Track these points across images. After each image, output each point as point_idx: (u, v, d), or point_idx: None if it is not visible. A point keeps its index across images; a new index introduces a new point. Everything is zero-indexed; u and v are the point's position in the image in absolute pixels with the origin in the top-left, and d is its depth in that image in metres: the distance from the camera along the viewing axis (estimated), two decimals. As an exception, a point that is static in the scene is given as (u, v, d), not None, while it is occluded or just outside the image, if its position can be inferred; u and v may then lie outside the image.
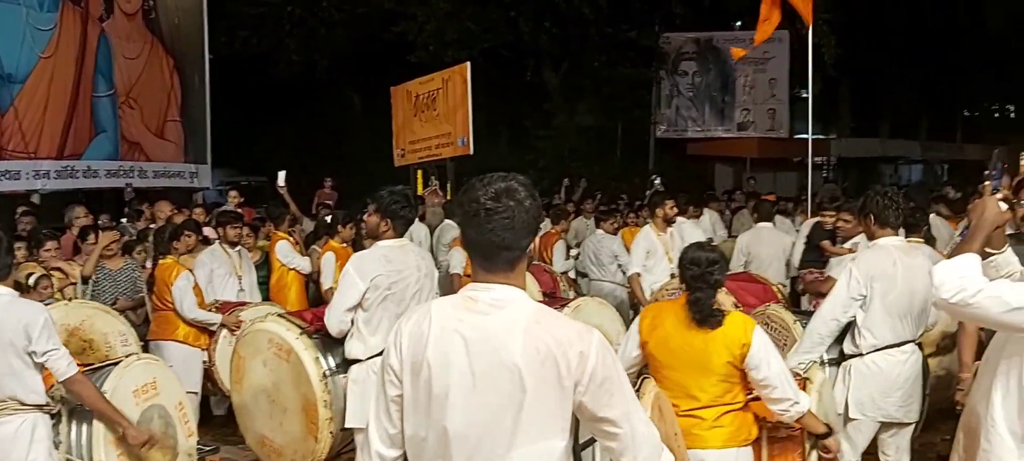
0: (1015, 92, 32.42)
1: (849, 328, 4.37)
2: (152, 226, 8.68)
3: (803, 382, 3.79)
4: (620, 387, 2.05)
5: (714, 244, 10.00)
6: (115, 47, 11.96)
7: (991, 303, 2.40)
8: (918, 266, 4.24)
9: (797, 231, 8.60)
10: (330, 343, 4.46)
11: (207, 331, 6.09)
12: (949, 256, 2.62)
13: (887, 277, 4.21)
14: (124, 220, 9.23)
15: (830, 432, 3.54)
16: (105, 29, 11.78)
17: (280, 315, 4.74)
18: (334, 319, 4.26)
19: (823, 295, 5.42)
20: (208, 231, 8.23)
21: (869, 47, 22.18)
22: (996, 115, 35.16)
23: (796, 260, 7.82)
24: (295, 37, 18.37)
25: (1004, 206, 2.61)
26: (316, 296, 7.87)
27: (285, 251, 7.79)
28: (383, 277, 4.16)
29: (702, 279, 3.44)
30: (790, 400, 3.34)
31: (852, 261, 4.47)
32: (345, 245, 7.40)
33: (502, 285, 2.04)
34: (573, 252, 9.29)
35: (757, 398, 3.47)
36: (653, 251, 7.15)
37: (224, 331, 5.99)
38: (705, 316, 3.38)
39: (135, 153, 12.41)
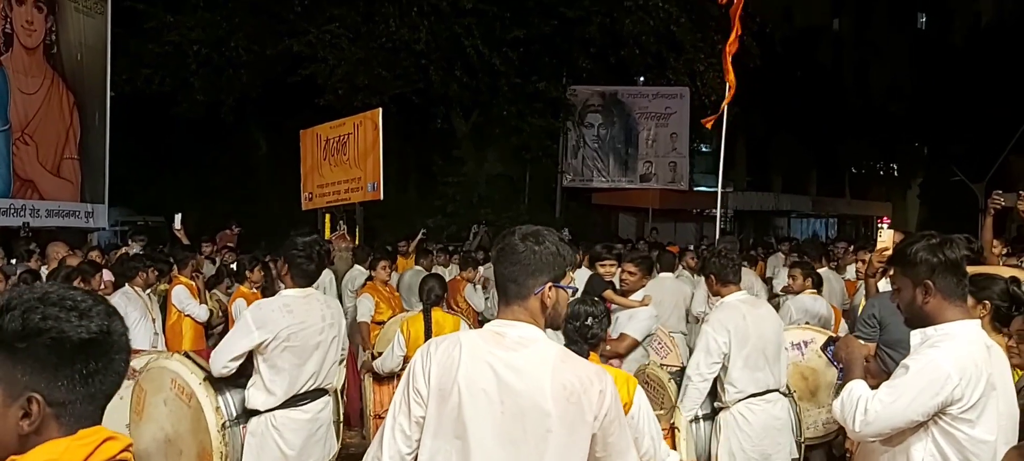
0: (897, 152, 34.53)
1: (715, 383, 4.56)
2: (43, 268, 8.37)
3: (671, 430, 3.84)
4: (623, 427, 2.24)
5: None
6: (12, 81, 11.55)
7: (890, 410, 2.50)
8: (764, 315, 4.49)
9: (697, 281, 8.92)
10: (234, 390, 4.32)
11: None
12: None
13: (740, 331, 4.41)
14: (13, 260, 8.85)
15: None
16: (2, 63, 11.38)
17: (186, 355, 4.63)
18: (219, 362, 4.07)
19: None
20: (104, 274, 7.98)
21: (764, 105, 23.29)
22: (881, 173, 37.21)
23: (697, 309, 8.13)
24: (200, 76, 18.03)
25: (862, 341, 3.00)
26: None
27: (181, 296, 7.58)
28: (283, 328, 4.03)
29: (579, 333, 3.50)
30: None
31: (705, 323, 4.62)
32: (255, 290, 7.29)
33: (525, 323, 2.21)
34: (486, 297, 9.39)
35: None
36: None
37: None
38: None
39: (28, 191, 11.92)
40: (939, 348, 2.50)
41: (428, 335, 5.28)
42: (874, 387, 2.62)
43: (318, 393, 4.28)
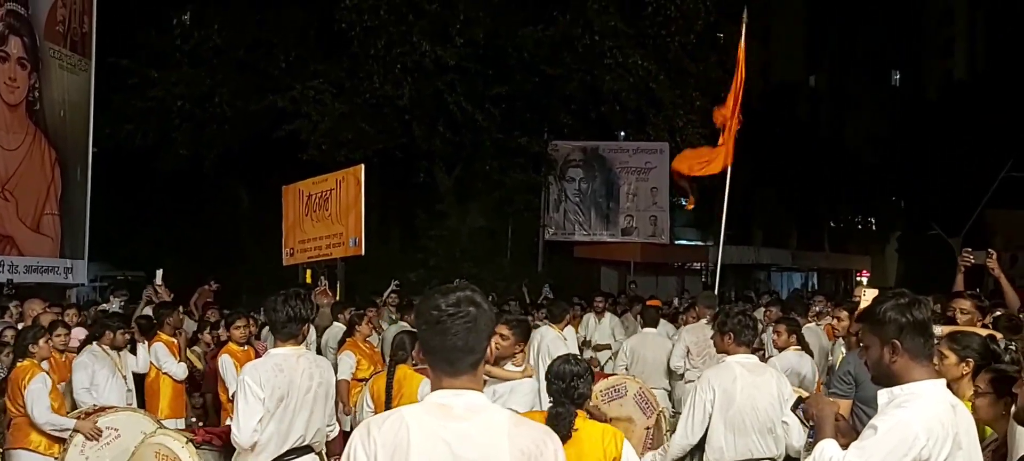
0: (876, 206, 35.02)
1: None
2: (20, 325, 8.29)
3: None
4: None
5: (609, 347, 10.35)
6: (-6, 138, 11.58)
7: None
8: (762, 384, 4.47)
9: (677, 336, 8.94)
10: (218, 455, 4.37)
11: (61, 439, 5.78)
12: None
13: (726, 393, 4.43)
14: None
15: None
16: (-16, 120, 11.41)
17: (173, 429, 4.71)
18: (245, 434, 4.02)
19: None
20: (79, 332, 7.91)
21: (742, 160, 23.56)
22: (859, 227, 37.67)
23: (674, 363, 8.16)
24: (183, 132, 18.08)
25: (836, 398, 2.93)
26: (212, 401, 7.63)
27: (160, 354, 7.50)
28: (275, 388, 4.07)
29: (565, 394, 3.48)
30: None
31: (698, 378, 4.68)
32: (244, 347, 7.25)
33: (470, 390, 2.13)
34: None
35: None
36: (557, 352, 7.31)
37: (78, 437, 5.62)
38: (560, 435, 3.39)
39: (7, 247, 11.85)
40: (906, 408, 2.53)
41: (388, 393, 5.21)
42: (846, 446, 2.65)
43: (305, 450, 4.28)
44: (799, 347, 7.01)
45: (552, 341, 7.06)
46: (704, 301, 8.89)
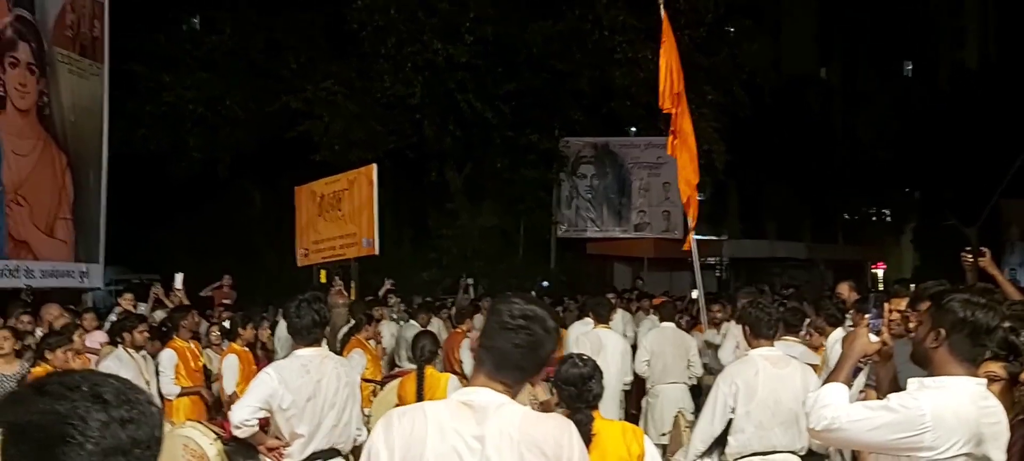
0: (890, 197, 34.81)
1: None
2: (38, 330, 8.30)
3: None
4: None
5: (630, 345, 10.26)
6: (5, 143, 11.56)
7: (855, 426, 2.51)
8: (786, 376, 4.43)
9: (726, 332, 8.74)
10: (245, 452, 4.33)
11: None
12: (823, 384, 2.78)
13: (749, 386, 4.39)
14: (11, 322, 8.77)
15: None
16: (-3, 125, 11.45)
17: (198, 421, 4.70)
18: (240, 413, 4.03)
19: None
20: (98, 335, 7.90)
21: (755, 154, 23.48)
22: (873, 219, 37.42)
23: (725, 359, 7.95)
24: (196, 135, 18.15)
25: (874, 337, 2.78)
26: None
27: (163, 363, 7.25)
28: (303, 388, 4.07)
29: (580, 398, 3.39)
30: None
31: (721, 372, 4.66)
32: (247, 348, 7.23)
33: (493, 390, 2.12)
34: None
35: None
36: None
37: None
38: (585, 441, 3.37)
39: (22, 252, 11.90)
40: (925, 393, 2.50)
41: (420, 396, 5.18)
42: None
43: (332, 453, 4.27)
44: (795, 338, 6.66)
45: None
46: (745, 297, 8.73)
